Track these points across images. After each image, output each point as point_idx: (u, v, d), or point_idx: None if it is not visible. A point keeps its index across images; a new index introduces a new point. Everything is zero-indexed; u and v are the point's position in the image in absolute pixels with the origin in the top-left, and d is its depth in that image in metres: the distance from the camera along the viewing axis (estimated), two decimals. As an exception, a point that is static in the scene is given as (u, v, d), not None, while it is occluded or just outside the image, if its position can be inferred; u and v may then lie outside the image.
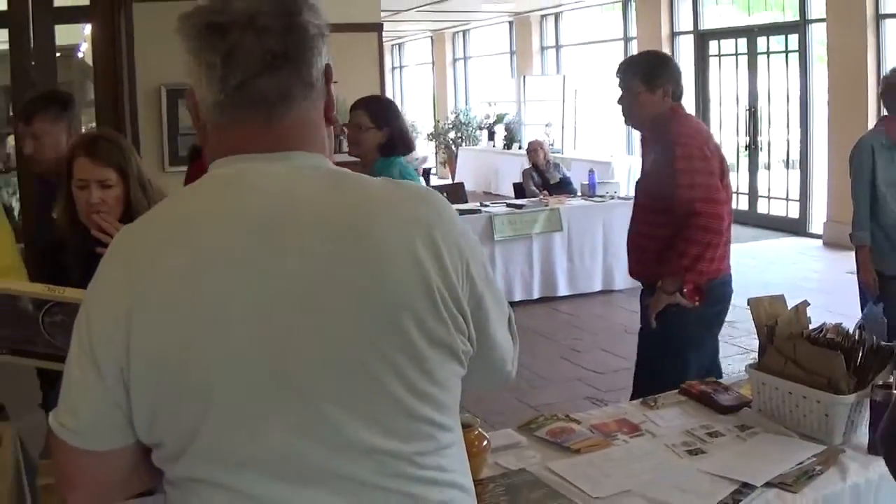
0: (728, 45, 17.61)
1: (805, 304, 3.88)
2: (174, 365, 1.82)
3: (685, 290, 5.18)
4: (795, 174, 16.06)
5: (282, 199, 1.89)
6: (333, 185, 1.95)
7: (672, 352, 5.24)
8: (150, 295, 1.84)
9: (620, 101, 5.57)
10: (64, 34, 9.55)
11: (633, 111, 5.51)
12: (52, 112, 4.88)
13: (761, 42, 16.74)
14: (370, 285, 1.86)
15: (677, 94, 5.48)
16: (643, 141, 5.75)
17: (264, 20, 1.89)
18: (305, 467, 1.87)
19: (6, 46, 8.86)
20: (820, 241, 14.55)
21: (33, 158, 4.93)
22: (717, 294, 5.33)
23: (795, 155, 16.11)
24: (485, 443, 3.38)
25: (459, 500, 2.02)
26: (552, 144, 18.99)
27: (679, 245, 5.12)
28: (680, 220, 5.11)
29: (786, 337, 3.72)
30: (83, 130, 12.75)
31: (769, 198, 16.82)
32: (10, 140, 10.93)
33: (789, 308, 3.89)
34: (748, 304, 3.88)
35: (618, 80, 5.58)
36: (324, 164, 2.00)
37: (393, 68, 30.65)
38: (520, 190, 13.70)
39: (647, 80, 5.40)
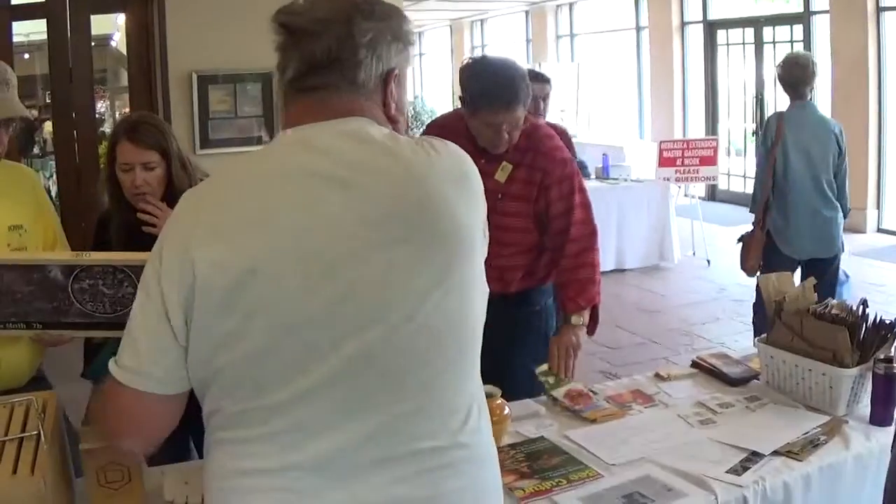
0: (736, 34, 17.68)
1: (811, 280, 3.97)
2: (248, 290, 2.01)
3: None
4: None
5: (336, 156, 2.10)
6: (384, 147, 2.14)
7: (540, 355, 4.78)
8: (223, 233, 2.04)
9: (497, 133, 4.39)
10: (97, 24, 9.68)
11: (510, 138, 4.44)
12: None
13: (767, 32, 16.80)
14: (423, 222, 2.09)
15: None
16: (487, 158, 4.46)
17: (320, 27, 2.13)
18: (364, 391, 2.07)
19: (45, 37, 9.03)
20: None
21: None
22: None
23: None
24: (506, 411, 3.47)
25: None
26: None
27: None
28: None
29: (793, 312, 3.80)
30: (118, 115, 12.72)
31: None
32: (48, 126, 11.05)
33: (796, 286, 3.99)
34: (757, 281, 3.98)
35: (487, 114, 4.35)
36: (371, 127, 2.18)
37: (413, 56, 30.72)
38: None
39: (525, 103, 4.39)
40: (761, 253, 7.21)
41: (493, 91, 4.32)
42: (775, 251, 7.13)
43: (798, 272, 6.86)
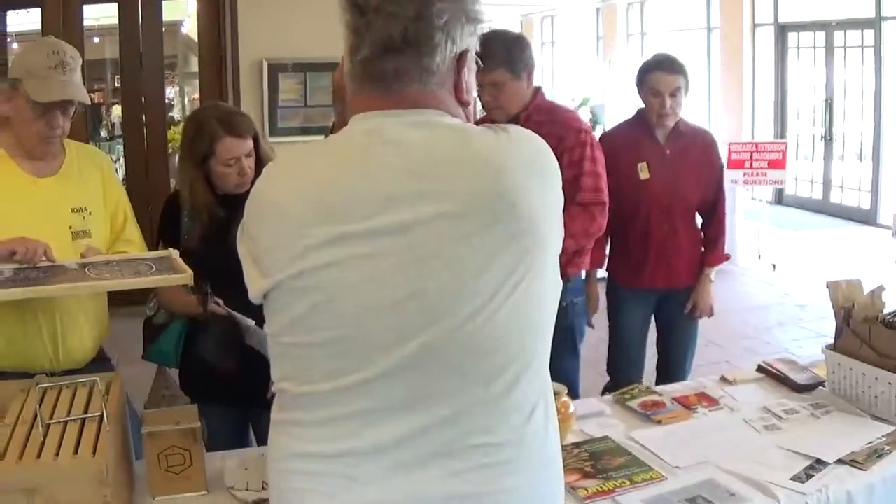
0: (807, 38, 17.48)
1: (881, 288, 3.89)
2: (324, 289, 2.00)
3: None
4: (868, 166, 15.83)
5: (409, 149, 2.03)
6: (457, 137, 2.08)
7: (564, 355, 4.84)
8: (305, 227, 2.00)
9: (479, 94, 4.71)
10: (168, 9, 9.77)
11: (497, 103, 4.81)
12: None
13: (838, 36, 16.61)
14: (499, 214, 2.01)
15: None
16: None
17: (394, 7, 2.01)
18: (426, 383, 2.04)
19: (115, 21, 9.12)
20: (889, 232, 14.25)
21: None
22: None
23: (868, 147, 15.88)
24: (570, 410, 3.47)
25: None
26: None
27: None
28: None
29: (861, 320, 3.75)
30: (186, 101, 12.72)
31: (843, 188, 16.58)
32: (116, 109, 11.13)
33: (866, 293, 3.92)
34: (827, 287, 3.94)
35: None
36: (443, 118, 2.10)
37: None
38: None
39: (509, 67, 4.72)
40: None
41: None
42: None
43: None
